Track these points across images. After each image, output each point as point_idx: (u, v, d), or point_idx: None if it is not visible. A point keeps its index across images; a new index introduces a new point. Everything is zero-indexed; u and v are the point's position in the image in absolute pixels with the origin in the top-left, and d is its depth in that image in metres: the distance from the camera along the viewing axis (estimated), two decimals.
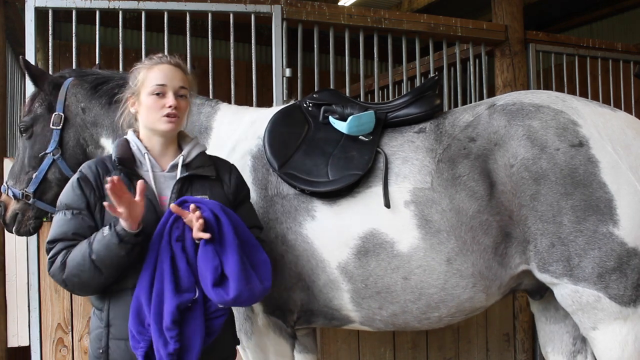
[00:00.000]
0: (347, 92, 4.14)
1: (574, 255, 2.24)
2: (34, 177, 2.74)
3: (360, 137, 2.52)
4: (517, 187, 2.30)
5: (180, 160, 2.14)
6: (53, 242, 2.01)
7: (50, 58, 3.67)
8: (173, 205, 1.95)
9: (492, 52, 4.74)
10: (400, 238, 2.35)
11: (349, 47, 4.11)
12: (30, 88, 3.15)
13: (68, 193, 2.06)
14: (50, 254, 2.00)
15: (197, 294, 1.98)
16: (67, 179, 2.76)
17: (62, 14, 4.04)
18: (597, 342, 2.32)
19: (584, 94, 4.53)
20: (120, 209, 1.84)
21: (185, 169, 2.14)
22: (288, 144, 2.54)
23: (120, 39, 3.81)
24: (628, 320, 2.26)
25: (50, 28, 3.66)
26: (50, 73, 3.39)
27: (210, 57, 3.89)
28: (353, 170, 2.41)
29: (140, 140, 2.16)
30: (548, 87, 4.81)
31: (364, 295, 2.42)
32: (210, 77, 3.88)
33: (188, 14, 3.79)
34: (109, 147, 2.78)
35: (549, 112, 2.38)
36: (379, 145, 2.49)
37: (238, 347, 2.37)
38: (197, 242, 1.98)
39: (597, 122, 2.35)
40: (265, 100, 3.88)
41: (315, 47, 4.05)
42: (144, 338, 1.93)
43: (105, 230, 1.92)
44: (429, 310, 2.43)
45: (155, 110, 2.09)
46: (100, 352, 2.03)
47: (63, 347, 3.51)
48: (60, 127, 2.77)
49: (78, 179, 2.06)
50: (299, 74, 4.01)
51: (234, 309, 2.36)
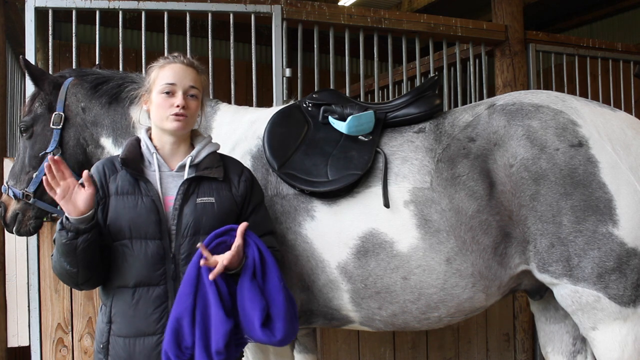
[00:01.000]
0: (347, 92, 4.14)
1: (574, 256, 2.24)
2: (35, 176, 2.74)
3: (360, 137, 2.52)
4: (516, 187, 2.30)
5: (188, 161, 2.15)
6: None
7: (50, 58, 3.67)
8: (200, 245, 1.96)
9: (492, 52, 4.74)
10: (400, 238, 2.35)
11: (349, 47, 4.11)
12: (30, 88, 3.15)
13: None
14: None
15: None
16: None
17: (62, 14, 4.05)
18: (596, 342, 2.31)
19: (584, 94, 4.54)
20: (56, 189, 1.89)
21: (194, 170, 2.14)
22: (287, 144, 2.54)
23: (120, 39, 3.81)
24: (628, 321, 2.25)
25: (50, 28, 3.66)
26: (50, 73, 3.40)
27: (210, 57, 3.89)
28: (352, 170, 2.41)
29: (151, 140, 2.18)
30: (548, 87, 4.81)
31: (364, 296, 2.42)
32: (210, 77, 3.88)
33: (188, 14, 3.79)
34: (109, 146, 2.79)
35: (549, 112, 2.38)
36: (379, 145, 2.49)
37: None
38: (228, 272, 2.02)
39: (596, 122, 2.35)
40: (265, 100, 3.88)
41: (315, 47, 4.05)
42: None
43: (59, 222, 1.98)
44: (429, 311, 2.43)
45: (164, 109, 2.11)
46: (102, 347, 2.07)
47: (63, 347, 3.51)
48: (61, 126, 2.77)
49: (82, 184, 2.08)
50: (299, 74, 4.01)
51: None
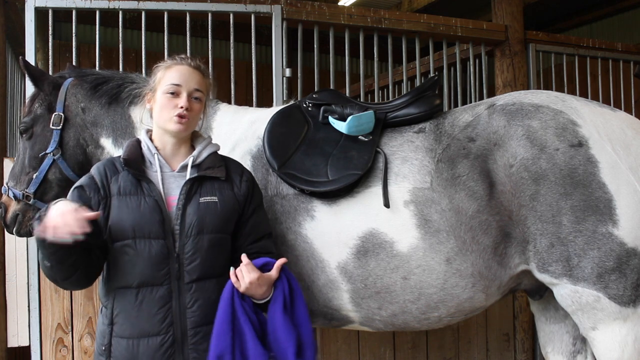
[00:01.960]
0: (347, 92, 4.14)
1: (574, 256, 2.24)
2: (35, 177, 2.74)
3: (360, 137, 2.52)
4: (516, 187, 2.30)
5: (190, 161, 2.16)
6: None
7: (50, 58, 3.67)
8: (238, 271, 2.04)
9: (492, 52, 4.74)
10: (400, 238, 2.35)
11: (349, 47, 4.11)
12: (30, 88, 3.15)
13: (70, 193, 2.11)
14: None
15: None
16: (67, 179, 2.77)
17: (62, 14, 4.04)
18: (596, 342, 2.32)
19: (584, 94, 4.54)
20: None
21: (196, 170, 2.15)
22: (288, 144, 2.54)
23: (120, 39, 3.81)
24: (628, 321, 2.26)
25: (50, 28, 3.66)
26: (50, 73, 3.40)
27: (210, 57, 3.88)
28: (352, 170, 2.41)
29: (152, 140, 2.19)
30: (548, 87, 4.80)
31: (364, 296, 2.42)
32: (210, 77, 3.87)
33: (188, 14, 3.79)
34: (109, 147, 2.79)
35: (549, 112, 2.38)
36: (379, 145, 2.49)
37: None
38: (256, 301, 2.09)
39: (596, 122, 2.35)
40: (265, 100, 3.88)
41: (315, 47, 4.05)
42: None
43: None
44: (429, 311, 2.43)
45: (167, 110, 2.12)
46: (103, 349, 2.06)
47: (63, 347, 3.51)
48: (60, 127, 2.77)
49: (80, 186, 2.10)
50: (299, 74, 4.01)
51: None
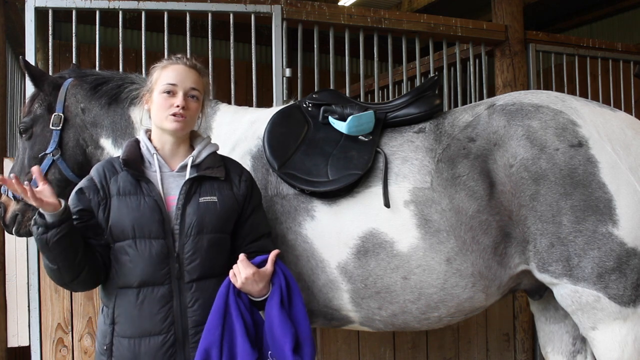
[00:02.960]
0: (347, 92, 4.14)
1: (574, 255, 2.24)
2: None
3: (360, 137, 2.52)
4: (516, 187, 2.30)
5: (190, 161, 2.16)
6: None
7: (50, 58, 3.67)
8: (235, 267, 2.07)
9: (492, 52, 4.74)
10: (400, 238, 2.35)
11: (349, 47, 4.11)
12: (30, 88, 3.15)
13: (71, 200, 2.11)
14: None
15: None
16: (67, 180, 2.77)
17: (62, 14, 4.04)
18: (596, 342, 2.32)
19: (584, 94, 4.54)
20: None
21: (195, 170, 2.16)
22: (288, 144, 2.54)
23: (120, 39, 3.81)
24: (628, 321, 2.26)
25: (50, 28, 3.66)
26: (50, 73, 3.39)
27: (210, 57, 3.88)
28: (352, 170, 2.41)
29: (151, 140, 2.19)
30: (548, 87, 4.80)
31: (364, 296, 2.42)
32: (211, 77, 3.87)
33: (188, 14, 3.79)
34: (109, 147, 2.79)
35: (549, 112, 2.38)
36: (379, 145, 2.49)
37: None
38: (255, 299, 2.11)
39: (596, 122, 2.35)
40: (265, 100, 3.88)
41: (315, 47, 4.05)
42: None
43: None
44: (429, 310, 2.43)
45: (164, 109, 2.13)
46: (105, 348, 2.06)
47: (63, 347, 3.50)
48: (60, 127, 2.77)
49: (76, 192, 2.12)
50: (299, 74, 4.01)
51: None
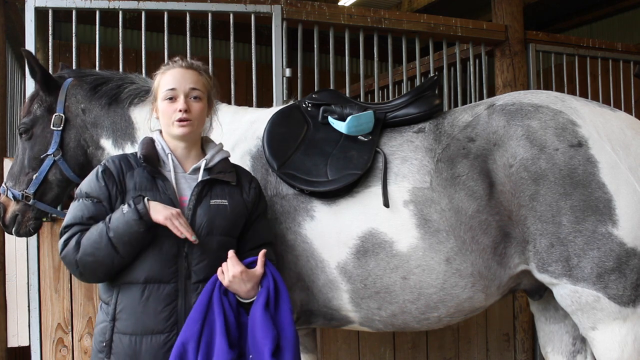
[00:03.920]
0: (347, 92, 4.14)
1: (573, 256, 2.24)
2: (35, 178, 2.73)
3: (360, 137, 2.52)
4: (516, 187, 2.30)
5: (203, 164, 2.17)
6: (68, 226, 2.06)
7: (50, 58, 3.67)
8: (223, 265, 2.07)
9: (492, 52, 4.74)
10: (399, 238, 2.35)
11: (349, 47, 4.11)
12: (31, 88, 3.15)
13: (90, 183, 2.10)
14: (65, 237, 2.04)
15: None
16: (67, 180, 2.77)
17: (62, 14, 4.05)
18: (596, 342, 2.31)
19: (584, 94, 4.54)
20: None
21: (208, 173, 2.17)
22: (287, 144, 2.54)
23: (120, 39, 3.81)
24: (627, 321, 2.25)
25: (50, 28, 3.66)
26: (50, 73, 3.39)
27: (210, 57, 3.88)
28: (352, 170, 2.41)
29: (165, 141, 2.20)
30: (548, 87, 4.80)
31: (363, 296, 2.42)
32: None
33: (188, 14, 3.79)
34: (109, 147, 2.79)
35: (548, 112, 2.38)
36: (378, 145, 2.49)
37: None
38: (242, 300, 2.10)
39: (596, 122, 2.35)
40: (265, 100, 3.88)
41: (315, 47, 4.05)
42: None
43: (125, 208, 1.99)
44: (428, 311, 2.43)
45: (168, 116, 2.14)
46: (104, 345, 2.04)
47: (63, 347, 3.51)
48: (61, 128, 2.76)
49: (102, 171, 2.10)
50: (299, 74, 4.01)
51: None
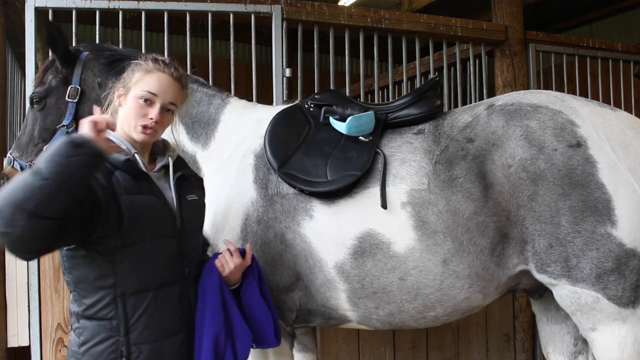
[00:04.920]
0: (347, 92, 4.14)
1: (572, 256, 2.24)
2: (45, 149, 2.72)
3: (360, 137, 2.53)
4: (514, 187, 2.30)
5: (171, 161, 2.14)
6: None
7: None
8: (221, 256, 2.18)
9: (492, 52, 4.74)
10: (397, 239, 2.35)
11: (349, 47, 4.11)
12: (30, 88, 3.14)
13: None
14: None
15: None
16: None
17: (62, 14, 4.04)
18: (596, 343, 2.31)
19: (584, 94, 4.54)
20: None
21: (175, 169, 2.15)
22: (288, 144, 2.55)
23: (120, 39, 3.81)
24: (627, 322, 2.25)
25: None
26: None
27: (210, 57, 3.89)
28: (351, 171, 2.41)
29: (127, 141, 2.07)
30: (548, 87, 4.80)
31: (361, 295, 2.42)
32: (210, 77, 3.88)
33: (188, 14, 3.79)
34: None
35: (547, 112, 2.38)
36: (379, 146, 2.50)
37: None
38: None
39: (595, 122, 2.35)
40: (265, 100, 3.87)
41: (315, 47, 4.05)
42: None
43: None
44: (425, 310, 2.43)
45: (136, 117, 2.01)
46: None
47: (63, 347, 3.51)
48: (76, 100, 2.74)
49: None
50: (299, 74, 4.01)
51: None
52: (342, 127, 2.55)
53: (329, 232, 2.41)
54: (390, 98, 4.47)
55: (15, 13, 4.27)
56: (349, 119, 2.52)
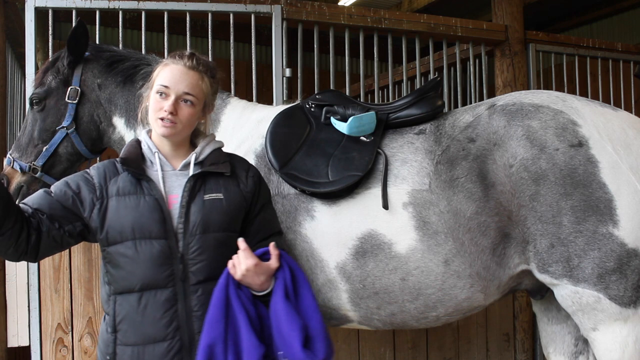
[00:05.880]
0: (347, 92, 4.14)
1: (574, 256, 2.24)
2: (44, 150, 2.72)
3: (362, 137, 2.52)
4: (516, 187, 2.30)
5: (193, 158, 2.09)
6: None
7: (50, 58, 3.66)
8: (235, 257, 1.97)
9: (492, 52, 4.74)
10: (398, 239, 2.35)
11: (349, 47, 4.11)
12: (30, 88, 3.14)
13: (60, 183, 2.04)
14: None
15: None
16: (78, 154, 2.78)
17: (62, 14, 4.04)
18: (597, 343, 2.31)
19: (584, 94, 4.53)
20: None
21: (199, 167, 2.08)
22: (289, 145, 2.55)
23: (120, 39, 3.80)
24: (628, 322, 2.25)
25: (50, 28, 3.66)
26: None
27: (211, 57, 3.87)
28: (353, 172, 2.41)
29: (152, 141, 2.12)
30: (548, 87, 4.80)
31: (362, 296, 2.42)
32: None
33: (188, 14, 3.79)
34: (121, 126, 2.80)
35: (549, 112, 2.38)
36: (380, 147, 2.49)
37: None
38: (257, 293, 1.99)
39: (597, 122, 2.35)
40: (265, 100, 3.86)
41: (315, 47, 4.05)
42: None
43: None
44: (427, 310, 2.43)
45: (155, 111, 2.04)
46: (108, 358, 1.97)
47: (63, 347, 3.50)
48: (76, 101, 2.75)
49: (81, 178, 2.03)
50: (299, 74, 4.01)
51: None
52: (343, 127, 2.55)
53: (331, 232, 2.41)
54: (391, 98, 4.47)
55: (15, 13, 4.27)
56: (350, 119, 2.52)
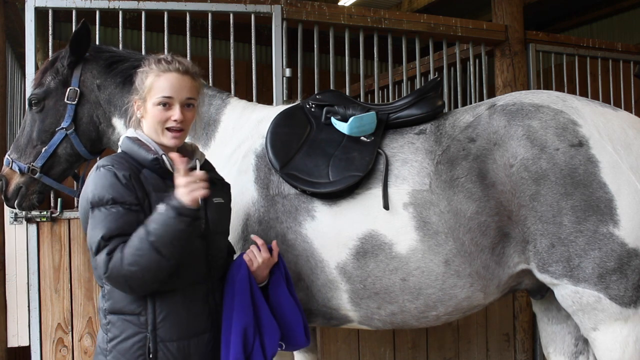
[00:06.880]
0: (347, 92, 4.14)
1: (574, 256, 2.24)
2: (43, 151, 2.71)
3: (362, 138, 2.52)
4: (516, 187, 2.30)
5: (198, 164, 2.15)
6: (109, 238, 1.86)
7: (49, 58, 3.66)
8: (249, 251, 2.22)
9: (492, 52, 4.74)
10: (399, 240, 2.36)
11: (349, 47, 4.11)
12: (30, 88, 3.13)
13: (114, 188, 1.91)
14: (106, 251, 1.85)
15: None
16: (78, 155, 2.76)
17: (62, 14, 4.04)
18: (597, 342, 2.31)
19: (584, 94, 4.53)
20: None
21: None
22: (290, 145, 2.55)
23: (120, 39, 3.80)
24: (629, 321, 2.25)
25: (50, 28, 3.66)
26: None
27: (210, 57, 3.89)
28: (353, 172, 2.41)
29: (154, 142, 2.09)
30: (548, 87, 4.81)
31: (363, 296, 2.42)
32: (210, 77, 3.88)
33: (188, 14, 3.79)
34: (120, 127, 2.78)
35: (549, 112, 2.38)
36: (380, 147, 2.49)
37: None
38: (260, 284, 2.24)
39: (597, 121, 2.35)
40: (265, 100, 3.86)
41: (315, 47, 4.05)
42: None
43: (160, 208, 1.84)
44: (427, 310, 2.43)
45: (160, 123, 2.05)
46: (144, 358, 1.93)
47: (63, 347, 3.50)
48: (75, 102, 2.74)
49: (125, 176, 1.93)
50: (299, 74, 4.01)
51: None
52: (343, 127, 2.55)
53: (331, 232, 2.41)
54: (391, 98, 4.47)
55: (15, 13, 4.26)
56: (351, 120, 2.52)
